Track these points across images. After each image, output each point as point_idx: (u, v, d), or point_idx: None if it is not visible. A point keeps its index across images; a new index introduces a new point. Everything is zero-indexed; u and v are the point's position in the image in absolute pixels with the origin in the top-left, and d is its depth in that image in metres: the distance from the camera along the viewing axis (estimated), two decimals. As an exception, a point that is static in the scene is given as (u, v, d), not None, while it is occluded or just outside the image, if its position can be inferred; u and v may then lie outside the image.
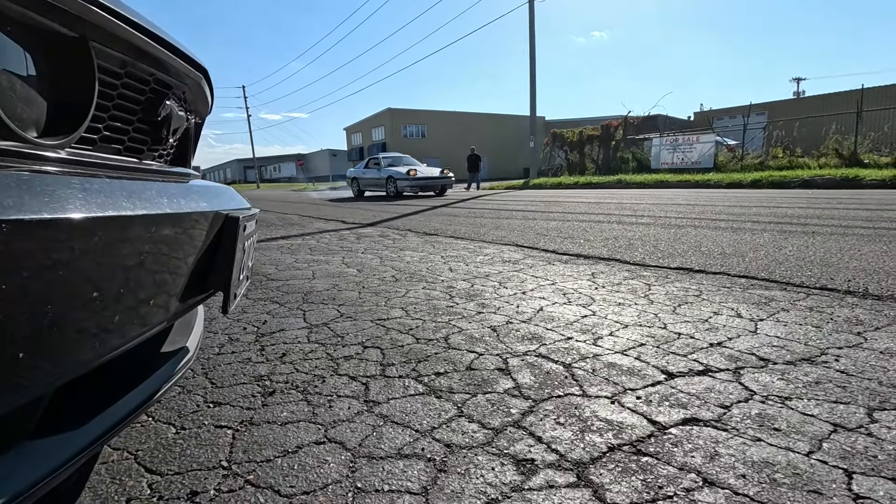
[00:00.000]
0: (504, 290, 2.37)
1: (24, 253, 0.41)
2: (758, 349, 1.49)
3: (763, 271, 2.65)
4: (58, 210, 0.44)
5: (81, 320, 0.49)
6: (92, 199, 0.50)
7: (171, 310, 0.69)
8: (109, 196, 0.53)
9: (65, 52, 0.62)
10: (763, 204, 6.64)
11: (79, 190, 0.49)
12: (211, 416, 1.13)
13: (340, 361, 1.46)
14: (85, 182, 0.51)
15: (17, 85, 0.57)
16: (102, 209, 0.50)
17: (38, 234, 0.42)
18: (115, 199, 0.53)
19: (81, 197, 0.49)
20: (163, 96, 0.87)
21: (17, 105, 0.57)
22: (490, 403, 1.15)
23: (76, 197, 0.48)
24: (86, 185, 0.51)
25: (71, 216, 0.45)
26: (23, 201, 0.41)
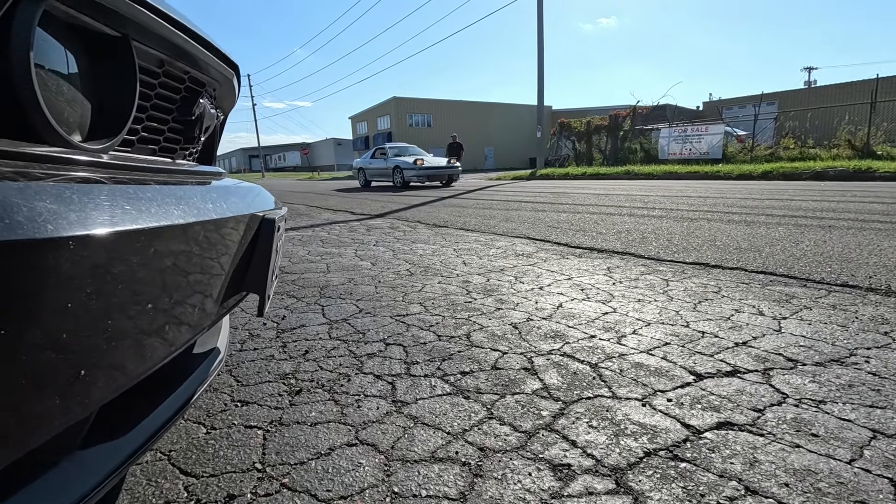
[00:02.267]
0: (521, 286, 2.35)
1: (84, 268, 0.39)
2: (785, 349, 1.47)
3: (781, 267, 2.62)
4: (116, 223, 0.42)
5: (137, 332, 0.48)
6: (146, 207, 0.49)
7: (213, 315, 0.68)
8: (162, 205, 0.51)
9: (107, 51, 0.61)
10: (775, 196, 6.57)
11: (133, 199, 0.48)
12: (240, 416, 1.13)
13: (364, 359, 1.45)
14: (139, 190, 0.50)
15: (62, 87, 0.56)
16: (157, 219, 0.48)
17: (97, 248, 0.40)
18: (167, 208, 0.51)
19: (136, 207, 0.47)
20: (197, 94, 0.85)
21: (62, 108, 0.56)
22: (519, 405, 1.15)
23: (131, 207, 0.46)
24: (139, 194, 0.49)
25: (129, 227, 0.44)
26: (84, 215, 0.40)
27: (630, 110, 19.65)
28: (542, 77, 18.62)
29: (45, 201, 0.37)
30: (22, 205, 0.35)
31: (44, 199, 0.37)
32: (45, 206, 0.37)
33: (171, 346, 0.57)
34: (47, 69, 0.53)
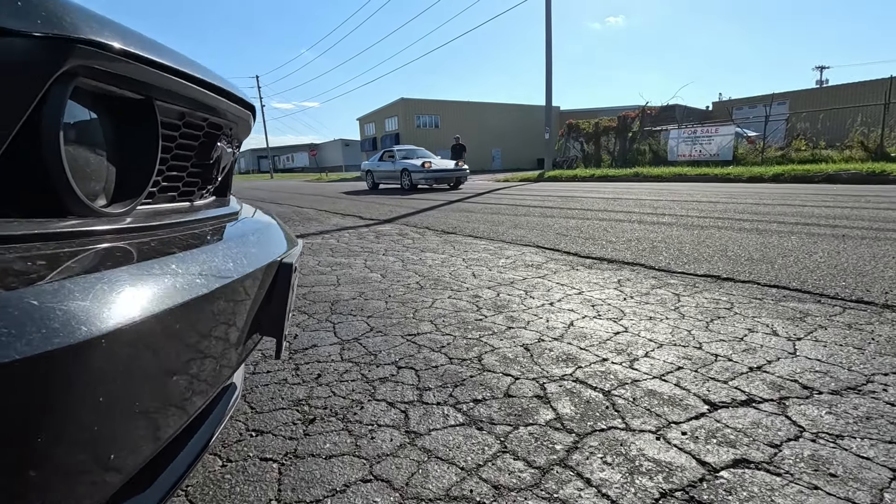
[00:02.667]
0: (531, 301, 2.35)
1: (118, 360, 0.40)
2: (800, 375, 1.45)
3: (794, 280, 2.59)
4: (146, 309, 0.43)
5: (167, 402, 0.49)
6: (171, 283, 0.49)
7: (234, 366, 0.69)
8: (187, 275, 0.52)
9: (131, 114, 0.61)
10: (787, 202, 6.50)
11: (159, 276, 0.48)
12: (255, 447, 1.14)
13: (376, 384, 1.46)
14: (164, 265, 0.50)
15: (87, 155, 0.57)
16: (184, 294, 0.49)
17: (130, 338, 0.41)
18: (192, 279, 0.52)
19: (162, 285, 0.48)
20: (215, 138, 0.86)
21: (87, 174, 0.57)
22: (533, 438, 1.14)
23: (158, 288, 0.47)
24: (165, 268, 0.50)
25: (158, 310, 0.44)
26: (113, 308, 0.40)
27: (639, 111, 19.54)
28: (550, 79, 18.56)
29: (77, 300, 0.38)
30: (56, 308, 0.35)
31: (76, 297, 0.38)
32: (77, 305, 0.37)
33: (197, 405, 0.57)
34: (73, 138, 0.54)
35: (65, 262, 0.43)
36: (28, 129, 0.44)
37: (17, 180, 0.46)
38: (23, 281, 0.36)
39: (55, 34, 0.41)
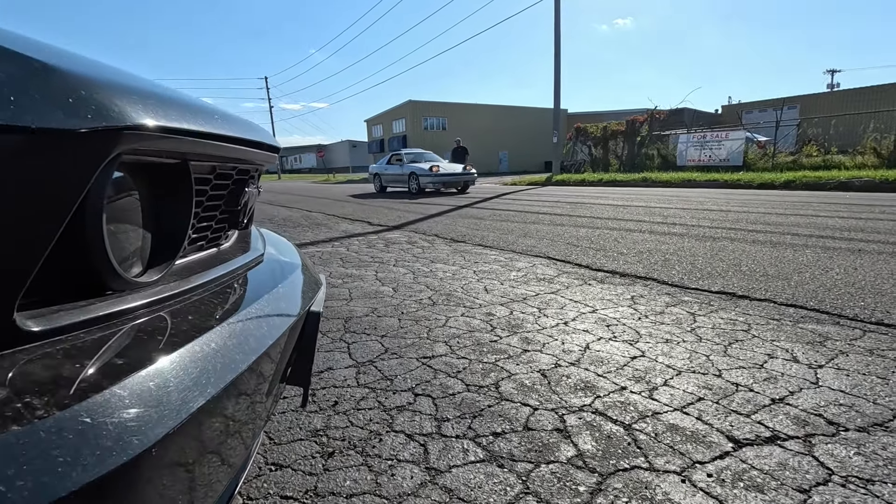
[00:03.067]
0: (545, 320, 2.33)
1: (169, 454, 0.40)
2: (825, 409, 1.43)
3: (812, 299, 2.56)
4: (192, 402, 0.42)
5: (212, 468, 0.48)
6: (213, 364, 0.48)
7: (266, 418, 0.68)
8: (226, 352, 0.51)
9: (166, 178, 0.61)
10: (800, 211, 6.44)
11: (201, 359, 0.47)
12: (275, 484, 1.13)
13: (394, 413, 1.45)
14: (205, 343, 0.49)
15: (125, 226, 0.56)
16: (226, 375, 0.48)
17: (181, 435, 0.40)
18: (230, 356, 0.51)
19: (206, 368, 0.47)
20: (243, 184, 0.85)
21: (125, 246, 0.56)
22: (555, 477, 1.13)
23: (203, 377, 0.46)
24: (205, 347, 0.49)
25: (207, 398, 0.44)
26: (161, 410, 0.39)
27: (647, 115, 19.44)
28: (558, 82, 18.52)
29: (127, 408, 0.37)
30: (108, 423, 0.35)
31: (126, 405, 0.37)
32: (128, 414, 0.37)
33: (238, 463, 0.57)
34: (111, 211, 0.53)
35: (111, 355, 0.42)
36: (73, 216, 0.43)
37: (59, 263, 0.46)
38: (74, 393, 0.35)
39: (104, 127, 0.40)
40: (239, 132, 0.69)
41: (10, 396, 0.33)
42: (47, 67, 0.39)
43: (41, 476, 0.29)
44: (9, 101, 0.35)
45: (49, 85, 0.38)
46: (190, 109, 0.57)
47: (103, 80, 0.43)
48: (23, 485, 0.28)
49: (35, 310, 0.42)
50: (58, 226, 0.40)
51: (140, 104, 0.46)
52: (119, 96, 0.44)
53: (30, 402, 0.33)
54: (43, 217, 0.39)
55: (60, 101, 0.38)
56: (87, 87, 0.41)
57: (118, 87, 0.45)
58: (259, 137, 0.79)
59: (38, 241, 0.38)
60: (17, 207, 0.36)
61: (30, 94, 0.36)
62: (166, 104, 0.52)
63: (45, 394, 0.34)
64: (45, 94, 0.37)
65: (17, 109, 0.35)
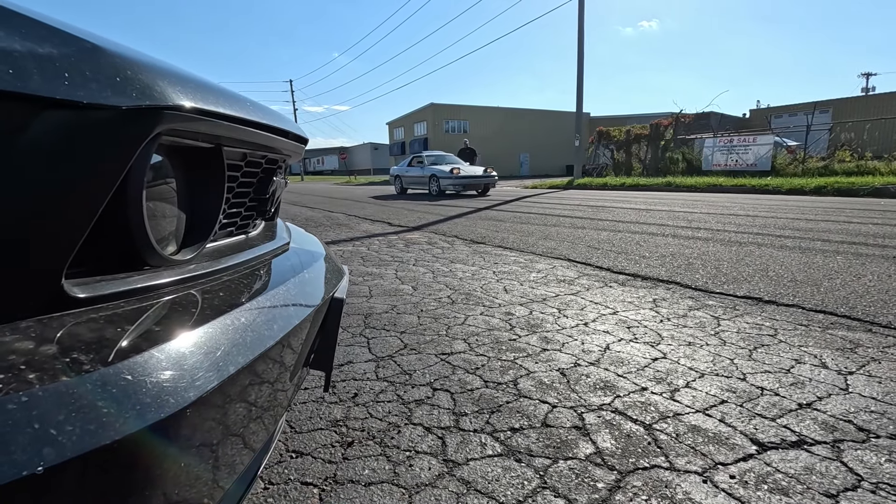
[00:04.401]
0: (565, 320, 2.31)
1: (206, 417, 0.41)
2: (855, 415, 1.39)
3: (842, 306, 2.48)
4: (223, 370, 0.44)
5: (237, 445, 0.50)
6: (241, 336, 0.50)
7: (289, 401, 0.70)
8: (255, 328, 0.53)
9: (200, 162, 0.63)
10: (831, 217, 6.24)
11: (233, 330, 0.49)
12: (296, 470, 1.15)
13: (412, 407, 1.46)
14: (235, 317, 0.51)
15: (162, 205, 0.59)
16: (254, 348, 0.50)
17: (215, 396, 0.42)
18: (258, 332, 0.53)
19: (235, 339, 0.49)
20: (272, 173, 0.88)
21: (161, 224, 0.59)
22: (573, 473, 1.12)
23: (232, 339, 0.48)
24: (236, 321, 0.51)
25: (235, 369, 0.45)
26: (196, 374, 0.41)
27: (672, 119, 19.13)
28: (581, 85, 18.38)
29: (164, 370, 0.39)
30: (147, 382, 0.37)
31: (164, 367, 0.39)
32: (166, 375, 0.38)
33: (261, 443, 0.58)
34: (150, 191, 0.56)
35: (149, 323, 0.44)
36: (115, 191, 0.45)
37: (102, 236, 0.48)
38: (117, 352, 0.37)
39: (147, 105, 0.42)
40: (269, 120, 0.72)
41: (60, 352, 0.35)
42: (97, 48, 0.41)
43: (88, 424, 0.31)
44: (63, 77, 0.37)
45: (98, 64, 0.40)
46: (224, 95, 0.59)
47: (147, 63, 0.46)
48: (71, 430, 0.30)
49: (81, 279, 0.44)
50: (103, 198, 0.42)
51: (180, 87, 0.48)
52: (161, 78, 0.46)
53: (77, 357, 0.35)
54: (90, 189, 0.41)
55: (109, 79, 0.40)
56: (133, 67, 0.43)
57: (160, 70, 0.47)
58: (288, 127, 0.81)
59: (84, 212, 0.41)
60: (67, 178, 0.39)
61: (81, 72, 0.38)
62: (203, 89, 0.54)
63: (91, 352, 0.36)
64: (95, 73, 0.39)
65: (70, 86, 0.37)
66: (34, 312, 0.38)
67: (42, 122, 0.36)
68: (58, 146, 0.37)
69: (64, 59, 0.38)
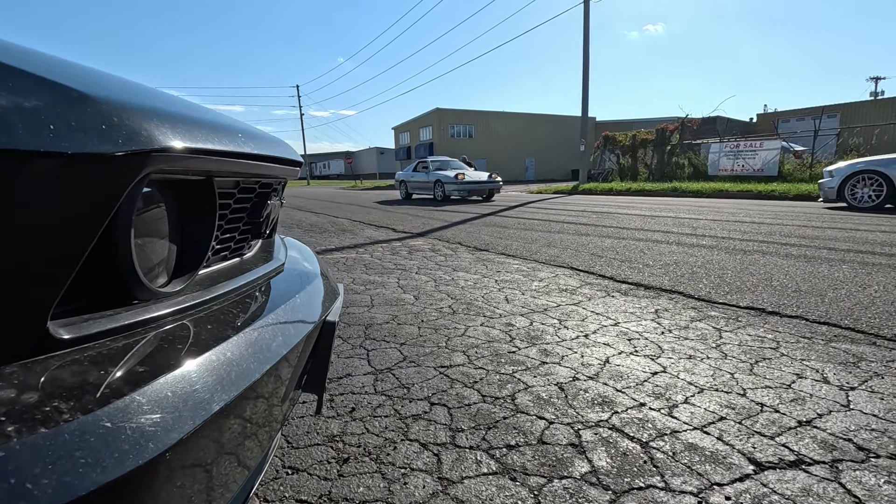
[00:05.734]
0: (565, 332, 2.31)
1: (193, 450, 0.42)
2: (855, 433, 1.37)
3: (847, 317, 2.46)
4: (210, 405, 0.45)
5: (227, 469, 0.51)
6: (226, 372, 0.51)
7: (281, 422, 0.70)
8: (242, 361, 0.54)
9: (191, 193, 0.64)
10: (838, 224, 6.19)
11: (218, 365, 0.50)
12: (291, 487, 1.16)
13: (409, 422, 1.47)
14: (221, 353, 0.52)
15: (152, 238, 0.60)
16: (241, 382, 0.51)
17: (202, 433, 0.43)
18: (246, 365, 0.54)
19: (223, 377, 0.50)
20: (266, 197, 0.89)
21: (150, 257, 0.60)
22: (568, 493, 1.12)
23: (220, 386, 0.49)
24: (222, 356, 0.52)
25: (221, 405, 0.46)
26: (180, 414, 0.42)
27: (678, 123, 19.07)
28: (586, 90, 18.38)
29: (145, 414, 0.40)
30: (126, 428, 0.37)
31: (145, 412, 0.40)
32: (146, 420, 0.39)
33: (253, 464, 0.59)
34: (138, 225, 0.57)
35: (133, 362, 0.45)
36: (103, 231, 0.46)
37: (89, 276, 0.49)
38: (98, 399, 0.38)
39: (134, 150, 0.43)
40: (261, 149, 0.73)
41: (40, 400, 0.36)
42: (83, 97, 0.42)
43: (64, 476, 0.31)
44: (48, 129, 0.38)
45: (85, 113, 0.41)
46: (214, 129, 0.60)
47: (134, 106, 0.47)
48: (47, 483, 0.31)
49: (66, 318, 0.45)
50: (90, 241, 0.43)
51: (167, 127, 0.49)
52: (148, 120, 0.47)
53: (57, 405, 0.35)
54: (76, 233, 0.42)
55: (95, 127, 0.41)
56: (119, 113, 0.44)
57: (147, 111, 0.48)
58: (281, 153, 0.82)
59: (71, 256, 0.42)
60: (53, 224, 0.40)
61: (67, 122, 0.39)
62: (191, 125, 0.55)
63: (72, 398, 0.37)
64: (81, 122, 0.40)
65: (55, 137, 0.38)
66: (18, 357, 0.39)
67: (27, 172, 0.37)
68: (43, 193, 0.38)
69: (49, 111, 0.39)
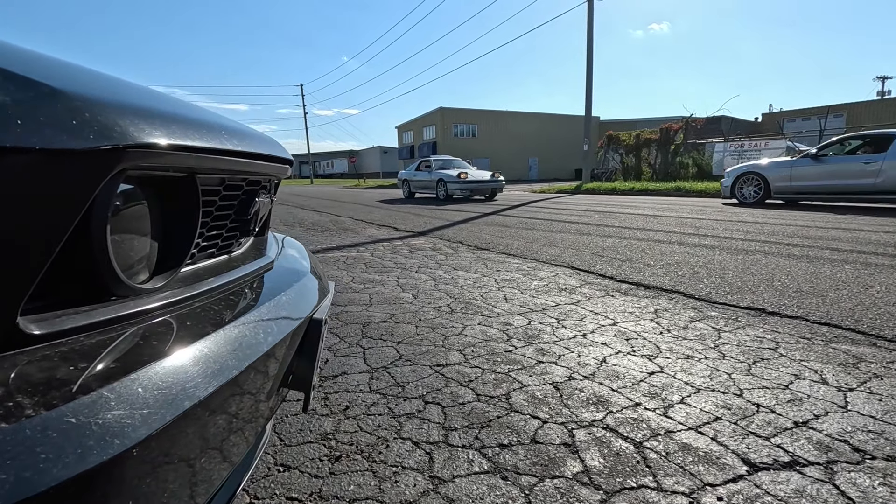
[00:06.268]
0: (563, 331, 2.30)
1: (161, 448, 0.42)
2: (851, 435, 1.36)
3: (847, 318, 2.44)
4: (185, 400, 0.45)
5: (211, 464, 0.51)
6: (202, 369, 0.51)
7: (267, 417, 0.70)
8: (220, 358, 0.53)
9: (172, 189, 0.64)
10: (841, 224, 6.15)
11: (194, 362, 0.50)
12: (282, 485, 1.16)
13: (403, 420, 1.46)
14: (198, 349, 0.52)
15: (131, 236, 0.60)
16: (218, 378, 0.51)
17: (172, 429, 0.43)
18: (223, 361, 0.54)
19: (196, 370, 0.49)
20: (254, 195, 0.89)
21: (130, 254, 0.60)
22: (559, 493, 1.12)
23: (199, 377, 0.48)
24: (199, 352, 0.52)
25: (193, 402, 0.46)
26: (154, 411, 0.42)
27: (682, 123, 18.99)
28: (590, 89, 18.32)
29: (113, 409, 0.39)
30: (91, 424, 0.37)
31: (112, 407, 0.39)
32: (113, 415, 0.39)
33: (237, 460, 0.59)
34: (117, 222, 0.57)
35: (105, 359, 0.45)
36: (76, 227, 0.46)
37: (63, 272, 0.49)
38: (63, 395, 0.38)
39: (105, 146, 0.43)
40: (246, 146, 0.72)
41: (4, 395, 0.36)
42: (55, 91, 0.42)
43: (22, 472, 0.31)
44: (16, 124, 0.38)
45: (55, 108, 0.41)
46: (195, 126, 0.60)
47: (108, 102, 0.47)
48: (4, 478, 0.30)
49: (38, 314, 0.45)
50: (60, 236, 0.43)
51: (143, 123, 0.49)
52: (122, 116, 0.47)
53: (20, 401, 0.35)
54: (46, 227, 0.42)
55: (64, 123, 0.41)
56: (91, 108, 0.44)
57: (122, 106, 0.48)
58: (269, 150, 0.82)
59: (41, 250, 0.42)
60: (21, 218, 0.39)
61: (35, 118, 0.39)
62: (170, 122, 0.55)
63: (36, 394, 0.37)
64: (51, 117, 0.40)
65: (23, 132, 0.38)
66: (-15, 352, 0.39)
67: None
68: (11, 188, 0.38)
69: (18, 106, 0.39)
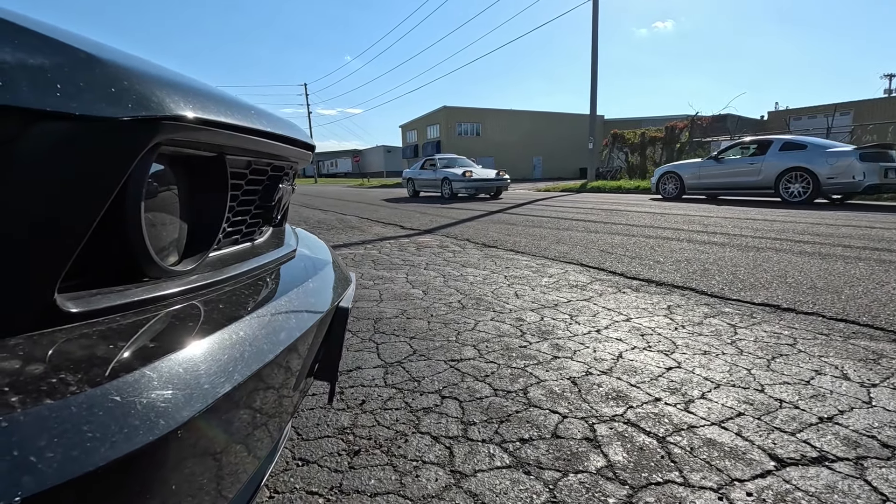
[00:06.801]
0: (577, 327, 2.28)
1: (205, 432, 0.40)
2: (878, 430, 1.33)
3: (865, 314, 2.41)
4: (219, 387, 0.43)
5: (237, 458, 0.49)
6: (239, 352, 0.49)
7: (292, 411, 0.69)
8: (255, 342, 0.52)
9: (203, 171, 0.62)
10: (852, 222, 6.10)
11: (230, 345, 0.48)
12: (301, 479, 1.14)
13: (420, 415, 1.44)
14: (234, 332, 0.50)
15: (162, 215, 0.58)
16: (252, 364, 0.49)
17: (213, 412, 0.41)
18: (258, 346, 0.52)
19: (233, 354, 0.48)
20: (278, 180, 0.87)
21: (162, 235, 0.58)
22: (584, 488, 1.09)
23: (230, 355, 0.47)
24: (234, 335, 0.50)
25: (231, 386, 0.44)
26: (190, 393, 0.40)
27: (688, 121, 18.89)
28: (595, 88, 18.26)
29: (156, 389, 0.38)
30: (136, 403, 0.35)
31: (156, 387, 0.38)
32: (157, 395, 0.37)
33: (264, 453, 0.57)
34: (150, 201, 0.55)
35: (144, 339, 0.43)
36: (112, 203, 0.44)
37: (99, 248, 0.47)
38: (107, 372, 0.36)
39: (143, 116, 0.41)
40: (274, 128, 0.71)
41: (46, 372, 0.34)
42: (92, 58, 0.40)
43: (70, 450, 0.30)
44: (55, 88, 0.36)
45: (93, 74, 0.39)
46: (227, 104, 0.58)
47: (145, 72, 0.45)
48: (52, 457, 0.29)
49: (75, 292, 0.43)
50: (98, 210, 0.41)
51: (179, 96, 0.47)
52: (159, 88, 0.45)
53: (65, 378, 0.34)
54: (84, 201, 0.40)
55: (103, 90, 0.39)
56: (129, 77, 0.42)
57: (159, 79, 0.47)
58: (294, 134, 0.80)
59: (78, 225, 0.40)
60: (59, 191, 0.38)
61: (75, 83, 0.37)
62: (204, 97, 0.53)
63: (80, 371, 0.35)
64: (90, 83, 0.39)
65: (62, 97, 0.36)
66: (23, 329, 0.37)
67: (33, 133, 0.35)
68: (50, 158, 0.36)
69: (56, 70, 0.37)
